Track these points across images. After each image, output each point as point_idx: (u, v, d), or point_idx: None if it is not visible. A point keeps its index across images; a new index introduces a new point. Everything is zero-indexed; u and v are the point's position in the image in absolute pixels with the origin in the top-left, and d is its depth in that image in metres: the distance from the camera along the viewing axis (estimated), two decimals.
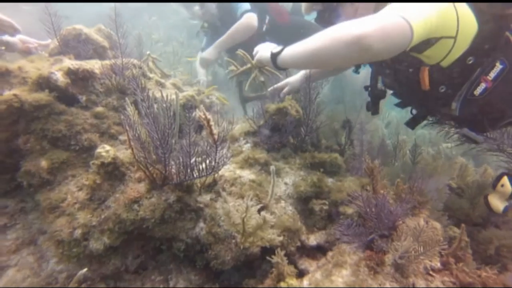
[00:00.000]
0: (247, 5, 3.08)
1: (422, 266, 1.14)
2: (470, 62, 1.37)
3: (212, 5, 3.28)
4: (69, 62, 1.64)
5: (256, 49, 1.82)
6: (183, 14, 7.20)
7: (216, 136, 1.15)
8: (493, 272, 1.03)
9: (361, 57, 1.21)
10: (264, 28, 3.30)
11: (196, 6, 3.28)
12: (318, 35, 1.28)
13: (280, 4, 3.61)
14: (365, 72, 3.93)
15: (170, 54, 4.51)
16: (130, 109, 1.31)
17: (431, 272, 1.12)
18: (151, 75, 2.15)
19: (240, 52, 1.91)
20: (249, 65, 1.88)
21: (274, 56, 1.55)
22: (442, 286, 1.05)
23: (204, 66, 3.25)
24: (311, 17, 1.95)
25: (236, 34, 2.98)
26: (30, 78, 1.51)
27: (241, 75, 2.06)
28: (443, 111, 1.57)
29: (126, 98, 1.39)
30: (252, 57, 1.88)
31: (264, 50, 1.72)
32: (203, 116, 1.06)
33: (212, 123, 1.14)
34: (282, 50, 1.52)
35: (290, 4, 3.94)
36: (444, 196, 1.63)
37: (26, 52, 2.06)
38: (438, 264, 1.13)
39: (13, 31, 1.91)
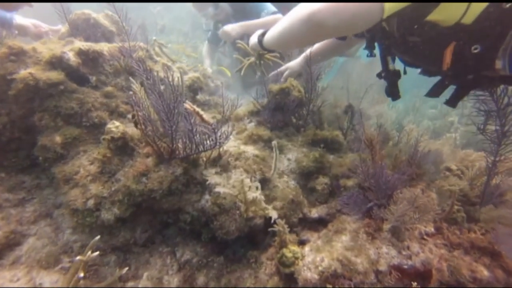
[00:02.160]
0: (271, 6, 3.11)
1: (417, 231, 1.20)
2: (508, 6, 1.11)
3: (227, 5, 3.28)
4: (80, 43, 1.71)
5: (250, 39, 1.85)
6: (188, 5, 7.23)
7: (209, 121, 1.21)
8: (480, 232, 1.07)
9: (318, 33, 1.24)
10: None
11: (210, 8, 3.27)
12: (286, 16, 1.32)
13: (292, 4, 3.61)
14: (371, 61, 3.92)
15: (175, 43, 4.56)
16: (136, 86, 1.37)
17: (425, 237, 1.17)
18: (157, 59, 2.21)
19: (239, 42, 1.95)
20: (250, 58, 1.92)
21: (260, 40, 1.62)
22: (434, 248, 1.10)
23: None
24: None
25: (266, 26, 3.01)
26: (44, 57, 1.58)
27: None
28: (487, 74, 1.34)
29: (131, 78, 1.45)
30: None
31: (253, 36, 1.75)
32: (191, 109, 1.12)
33: (201, 112, 1.21)
34: (264, 33, 1.58)
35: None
36: (441, 168, 1.66)
37: (38, 36, 2.13)
38: (432, 229, 1.18)
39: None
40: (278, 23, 1.40)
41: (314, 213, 1.55)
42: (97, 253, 1.32)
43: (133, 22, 2.00)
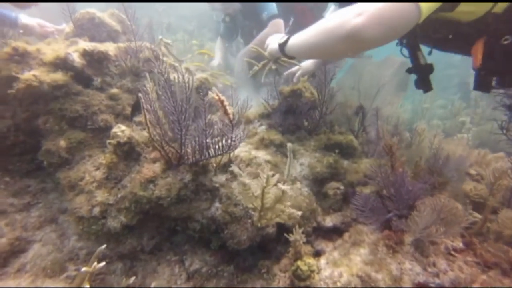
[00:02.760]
0: (273, 8, 3.02)
1: (443, 246, 1.12)
2: None
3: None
4: (85, 44, 1.65)
5: (267, 41, 1.80)
6: (194, 5, 7.17)
7: (231, 116, 1.14)
8: None
9: (358, 48, 1.18)
10: (287, 30, 3.26)
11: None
12: (316, 27, 1.25)
13: (304, 4, 3.55)
14: (386, 59, 3.81)
15: (181, 42, 4.50)
16: (149, 85, 1.31)
17: (452, 252, 1.09)
18: (164, 59, 2.14)
19: (252, 47, 1.89)
20: (264, 62, 1.84)
21: (282, 47, 1.55)
22: (464, 266, 1.02)
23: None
24: None
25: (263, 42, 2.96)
26: (48, 59, 1.52)
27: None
28: None
29: (146, 74, 1.39)
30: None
31: (273, 41, 1.70)
32: (217, 97, 1.05)
33: (226, 103, 1.13)
34: (287, 40, 1.51)
35: (311, 4, 3.88)
36: (465, 177, 1.58)
37: (44, 36, 2.08)
38: (460, 244, 1.10)
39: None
40: (306, 32, 1.32)
41: (329, 221, 1.48)
42: (103, 263, 1.27)
43: (139, 21, 1.94)
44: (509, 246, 1.21)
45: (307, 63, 2.15)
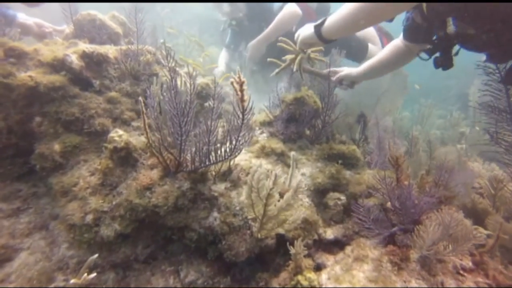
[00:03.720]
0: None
1: (451, 264, 1.07)
2: None
3: (242, 4, 3.28)
4: (84, 46, 1.62)
5: (297, 34, 1.74)
6: (195, 9, 7.18)
7: (246, 103, 1.08)
8: None
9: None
10: (294, 29, 3.27)
11: (226, 4, 3.28)
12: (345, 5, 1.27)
13: (307, 4, 3.57)
14: None
15: (182, 46, 4.48)
16: (155, 88, 1.27)
17: (461, 271, 1.05)
18: (165, 63, 2.11)
19: (282, 39, 1.78)
20: (292, 56, 1.75)
21: (318, 27, 1.52)
22: (475, 286, 0.98)
23: (254, 59, 3.21)
24: None
25: (281, 23, 2.95)
26: (45, 60, 1.48)
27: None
28: None
29: (153, 78, 1.35)
30: (295, 43, 1.79)
31: (305, 28, 1.66)
32: (237, 79, 0.99)
33: (245, 87, 1.06)
34: (324, 20, 1.50)
35: (315, 4, 3.90)
36: (471, 191, 1.54)
37: (41, 36, 2.04)
38: (469, 263, 1.06)
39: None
40: (346, 5, 1.34)
41: (330, 234, 1.44)
42: (94, 274, 1.21)
43: (143, 25, 1.91)
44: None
45: (353, 69, 2.10)
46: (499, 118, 1.48)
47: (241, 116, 1.15)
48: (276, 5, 3.13)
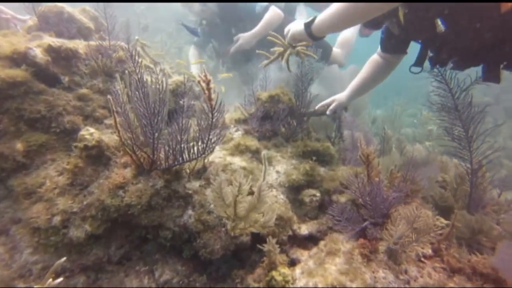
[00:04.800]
0: (261, 3, 3.19)
1: (414, 253, 1.14)
2: None
3: (213, 4, 3.28)
4: (50, 39, 1.54)
5: (286, 28, 1.78)
6: (172, 6, 7.04)
7: (213, 102, 1.08)
8: (482, 256, 1.03)
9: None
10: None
11: (197, 4, 3.27)
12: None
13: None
14: (352, 68, 3.95)
15: (158, 44, 4.38)
16: (120, 87, 1.23)
17: (422, 259, 1.11)
18: (140, 60, 2.05)
19: (272, 34, 1.82)
20: (280, 49, 1.78)
21: (308, 25, 1.57)
22: (433, 272, 1.04)
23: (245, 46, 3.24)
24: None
25: (269, 23, 3.12)
26: (4, 52, 1.39)
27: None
28: None
29: (116, 75, 1.31)
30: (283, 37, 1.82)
31: (295, 25, 1.71)
32: (203, 78, 0.99)
33: (212, 85, 1.06)
34: (314, 18, 1.56)
35: (282, 4, 3.97)
36: (435, 185, 1.63)
37: None
38: (429, 251, 1.13)
39: None
40: (335, 4, 1.41)
41: (304, 230, 1.47)
42: (60, 279, 1.15)
43: (116, 20, 1.85)
44: (469, 250, 1.26)
45: (341, 96, 2.17)
46: (451, 116, 1.60)
47: (210, 115, 1.15)
48: (259, 5, 3.21)
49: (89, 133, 1.37)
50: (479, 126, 1.53)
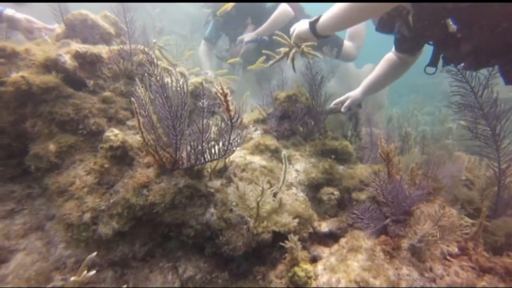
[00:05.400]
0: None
1: (439, 251, 1.13)
2: None
3: None
4: (77, 46, 1.62)
5: (292, 28, 1.80)
6: (186, 8, 7.13)
7: (232, 112, 1.12)
8: None
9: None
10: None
11: None
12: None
13: (297, 4, 3.64)
14: (369, 67, 3.90)
15: (173, 46, 4.47)
16: (141, 91, 1.28)
17: (448, 257, 1.10)
18: (158, 62, 2.11)
19: (278, 34, 1.84)
20: (286, 49, 1.81)
21: (313, 24, 1.59)
22: (460, 270, 1.03)
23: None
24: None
25: (276, 21, 3.12)
26: (38, 60, 1.48)
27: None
28: None
29: (136, 79, 1.36)
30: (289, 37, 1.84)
31: (301, 24, 1.73)
32: (220, 91, 1.03)
33: (229, 97, 1.10)
34: (319, 17, 1.58)
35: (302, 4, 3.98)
36: (459, 183, 1.60)
37: (29, 32, 1.98)
38: (455, 249, 1.12)
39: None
40: (339, 4, 1.43)
41: (324, 227, 1.48)
42: (93, 272, 1.22)
43: (134, 24, 1.91)
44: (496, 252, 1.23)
45: (355, 93, 2.17)
46: (474, 115, 1.56)
47: (229, 123, 1.19)
48: (268, 3, 3.22)
49: (114, 134, 1.43)
50: (507, 124, 1.48)
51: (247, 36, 3.22)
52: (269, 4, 3.23)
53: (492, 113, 1.49)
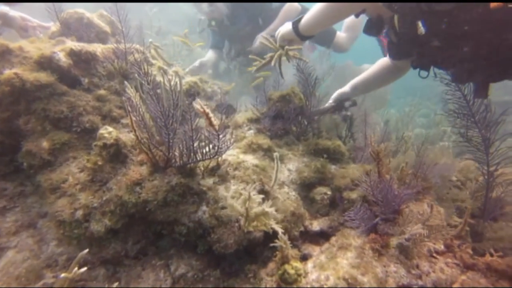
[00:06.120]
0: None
1: (426, 248, 1.14)
2: None
3: (222, 4, 3.27)
4: (72, 43, 1.62)
5: (277, 31, 1.81)
6: (184, 8, 7.15)
7: (216, 127, 1.15)
8: (497, 254, 1.03)
9: None
10: None
11: (204, 4, 3.27)
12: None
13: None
14: (367, 67, 3.93)
15: (170, 46, 4.48)
16: (131, 91, 1.30)
17: (434, 254, 1.12)
18: (154, 62, 2.13)
19: (263, 37, 1.85)
20: (271, 54, 1.81)
21: (295, 24, 1.61)
22: (445, 267, 1.05)
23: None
24: None
25: (287, 16, 3.12)
26: (32, 57, 1.48)
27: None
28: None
29: (126, 82, 1.37)
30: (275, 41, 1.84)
31: (285, 26, 1.74)
32: (201, 109, 1.05)
33: (211, 114, 1.14)
34: (301, 18, 1.59)
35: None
36: (449, 183, 1.63)
37: (24, 30, 1.99)
38: (441, 247, 1.13)
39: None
40: (313, 9, 1.48)
41: (316, 226, 1.49)
42: (85, 268, 1.22)
43: (129, 24, 1.92)
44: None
45: (344, 88, 2.17)
46: (467, 123, 1.59)
47: (216, 135, 1.25)
48: (274, 4, 3.25)
49: (108, 131, 1.44)
50: (497, 128, 1.51)
51: (259, 37, 3.20)
52: (273, 5, 3.23)
53: (482, 120, 1.52)
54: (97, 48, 1.76)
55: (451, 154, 2.69)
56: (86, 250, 1.27)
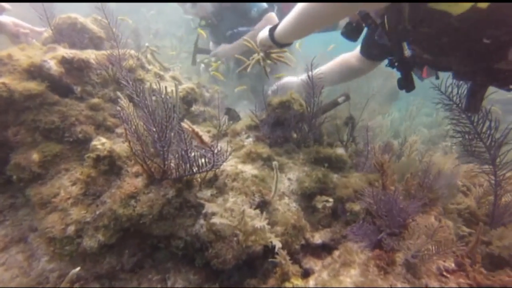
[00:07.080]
0: (264, 4, 3.03)
1: (435, 266, 1.09)
2: None
3: (207, 4, 3.16)
4: (63, 51, 1.57)
5: (258, 35, 1.75)
6: (180, 10, 7.08)
7: (208, 144, 1.11)
8: None
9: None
10: None
11: (188, 5, 3.14)
12: (296, 7, 1.28)
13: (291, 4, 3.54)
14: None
15: (168, 48, 4.42)
16: (124, 102, 1.24)
17: (444, 273, 1.06)
18: (149, 67, 2.07)
19: (245, 39, 1.81)
20: (256, 55, 1.76)
21: (271, 32, 1.53)
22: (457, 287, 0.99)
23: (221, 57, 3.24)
24: None
25: (265, 24, 2.95)
26: (21, 66, 1.42)
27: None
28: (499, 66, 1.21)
29: (118, 93, 1.32)
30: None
31: (264, 31, 1.66)
32: (190, 129, 1.00)
33: (200, 133, 1.10)
34: (277, 25, 1.51)
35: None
36: (456, 193, 1.57)
37: (15, 36, 1.94)
38: (452, 265, 1.08)
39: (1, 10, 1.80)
40: (294, 10, 1.31)
41: (317, 238, 1.44)
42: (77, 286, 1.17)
43: (126, 27, 1.86)
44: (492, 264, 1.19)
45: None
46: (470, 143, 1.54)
47: (210, 149, 1.21)
48: (256, 7, 3.03)
49: (101, 143, 1.39)
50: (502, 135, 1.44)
51: (222, 47, 3.12)
52: (253, 12, 3.03)
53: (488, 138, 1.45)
54: (91, 55, 1.70)
55: (454, 156, 2.63)
56: (78, 268, 1.23)
